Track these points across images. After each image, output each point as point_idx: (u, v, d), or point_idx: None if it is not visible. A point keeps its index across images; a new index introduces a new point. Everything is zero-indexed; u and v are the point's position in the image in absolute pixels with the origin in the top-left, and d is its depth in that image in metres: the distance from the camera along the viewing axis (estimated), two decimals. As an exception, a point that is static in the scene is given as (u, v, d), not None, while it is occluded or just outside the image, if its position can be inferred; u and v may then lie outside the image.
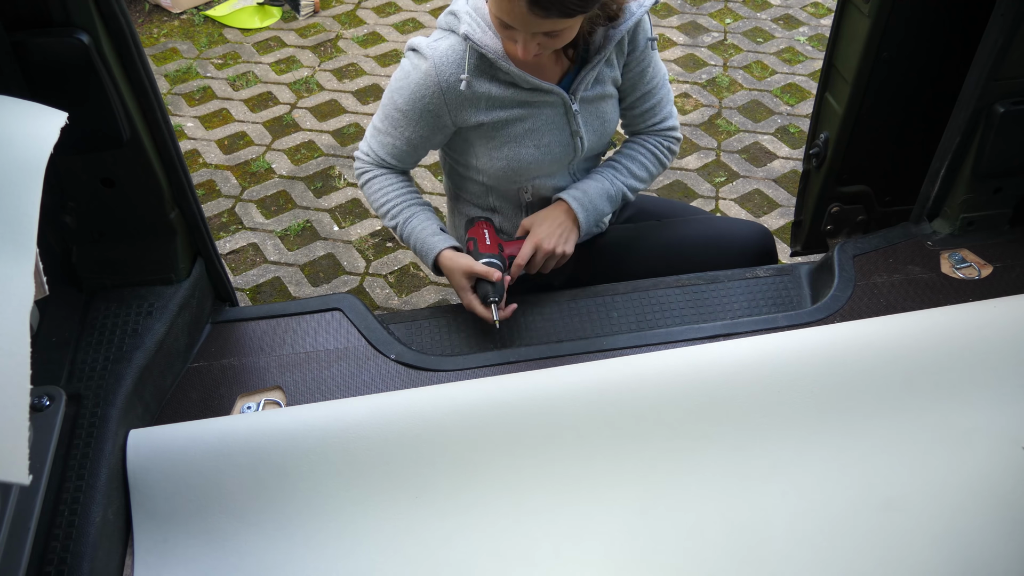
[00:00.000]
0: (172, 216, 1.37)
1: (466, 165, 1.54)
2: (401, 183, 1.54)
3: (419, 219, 1.51)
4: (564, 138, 1.49)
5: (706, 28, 3.61)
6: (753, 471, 1.25)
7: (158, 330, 1.33)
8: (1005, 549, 1.16)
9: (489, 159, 1.49)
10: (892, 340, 1.33)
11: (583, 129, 1.49)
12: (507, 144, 1.46)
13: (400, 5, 3.84)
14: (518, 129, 1.45)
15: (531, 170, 1.50)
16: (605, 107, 1.51)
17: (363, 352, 1.41)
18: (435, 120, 1.44)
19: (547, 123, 1.46)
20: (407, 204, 1.52)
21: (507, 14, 1.25)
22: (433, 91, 1.39)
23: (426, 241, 1.48)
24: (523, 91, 1.41)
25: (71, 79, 1.14)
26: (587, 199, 1.53)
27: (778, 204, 2.75)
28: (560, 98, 1.44)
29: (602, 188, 1.54)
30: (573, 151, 1.51)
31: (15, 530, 0.93)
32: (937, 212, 1.61)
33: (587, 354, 1.40)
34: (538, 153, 1.47)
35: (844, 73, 1.68)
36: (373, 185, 1.54)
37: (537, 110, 1.44)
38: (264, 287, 2.52)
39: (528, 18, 1.23)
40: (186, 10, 3.79)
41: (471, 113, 1.42)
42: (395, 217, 1.52)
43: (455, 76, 1.37)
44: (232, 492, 1.19)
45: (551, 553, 1.18)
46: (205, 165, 2.97)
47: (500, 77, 1.40)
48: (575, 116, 1.46)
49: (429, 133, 1.46)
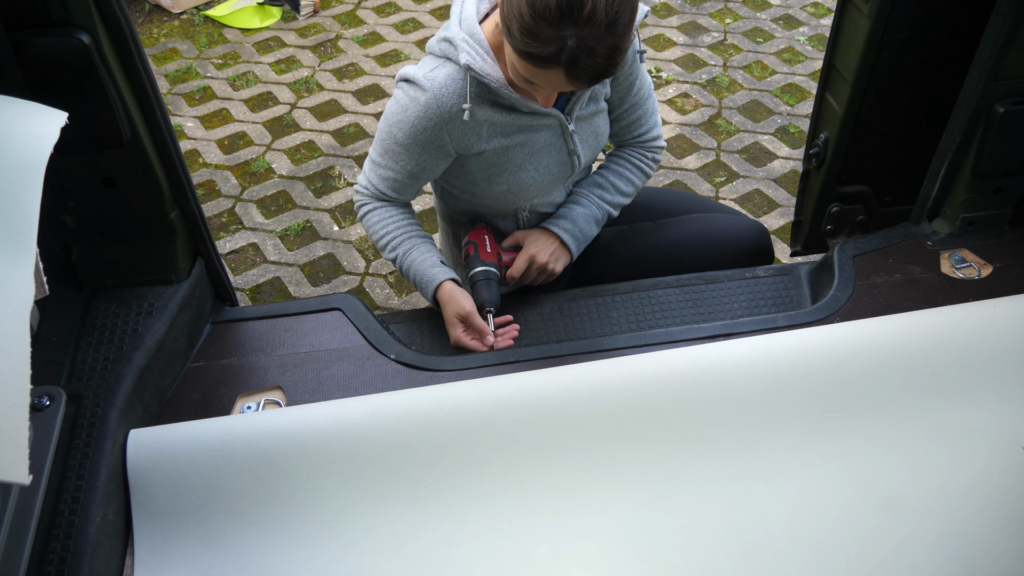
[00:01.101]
0: (172, 216, 1.36)
1: (462, 190, 1.54)
2: (401, 215, 1.53)
3: (419, 251, 1.50)
4: (562, 158, 1.49)
5: (706, 28, 3.61)
6: (753, 471, 1.25)
7: (158, 330, 1.33)
8: (1005, 549, 1.16)
9: (489, 184, 1.48)
10: (892, 340, 1.33)
11: (579, 147, 1.49)
12: (507, 171, 1.46)
13: (400, 5, 3.84)
14: (518, 155, 1.45)
15: (530, 191, 1.50)
16: (598, 122, 1.51)
17: (363, 352, 1.41)
18: (437, 151, 1.42)
19: (545, 145, 1.46)
20: (407, 236, 1.51)
21: (540, 79, 1.24)
22: (435, 123, 1.37)
23: (426, 273, 1.48)
24: (523, 115, 1.40)
25: (71, 79, 1.14)
26: (576, 228, 1.55)
27: (778, 204, 2.75)
28: (557, 119, 1.43)
29: (589, 214, 1.57)
30: (571, 169, 1.52)
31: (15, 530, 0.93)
32: (937, 212, 1.61)
33: (587, 354, 1.39)
34: (537, 176, 1.47)
35: (844, 73, 1.68)
36: (372, 217, 1.53)
37: (535, 134, 1.44)
38: (264, 287, 2.52)
39: (562, 84, 1.24)
40: (186, 10, 3.79)
41: (473, 141, 1.41)
42: (395, 249, 1.51)
43: (456, 106, 1.36)
44: (232, 492, 1.19)
45: (551, 553, 1.18)
46: (205, 165, 2.97)
47: (501, 103, 1.38)
48: (572, 136, 1.46)
49: (431, 164, 1.45)
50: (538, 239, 1.54)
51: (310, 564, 1.16)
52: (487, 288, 1.48)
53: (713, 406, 1.27)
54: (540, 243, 1.54)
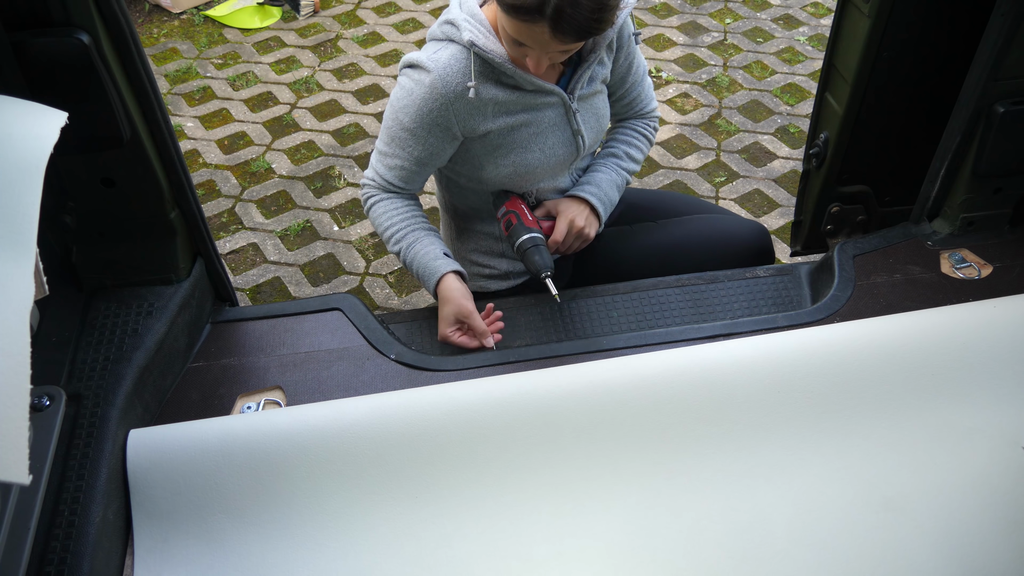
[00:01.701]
0: (172, 216, 1.37)
1: (468, 177, 1.54)
2: (407, 207, 1.52)
3: (423, 243, 1.48)
4: (566, 137, 1.49)
5: (706, 28, 3.61)
6: (753, 471, 1.25)
7: (158, 330, 1.33)
8: (1005, 549, 1.16)
9: (495, 167, 1.48)
10: (892, 340, 1.33)
11: (583, 127, 1.50)
12: (513, 151, 1.46)
13: (400, 5, 3.84)
14: (523, 134, 1.45)
15: (536, 174, 1.50)
16: (599, 103, 1.53)
17: (363, 352, 1.41)
18: (444, 133, 1.42)
19: (550, 125, 1.46)
20: (412, 228, 1.50)
21: (526, 36, 1.26)
22: (441, 103, 1.38)
23: (428, 265, 1.46)
24: (527, 93, 1.41)
25: (71, 79, 1.14)
26: (602, 193, 1.58)
27: (778, 204, 2.75)
28: (560, 98, 1.44)
29: (611, 179, 1.60)
30: (576, 150, 1.52)
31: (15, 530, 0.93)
32: (937, 212, 1.61)
33: (587, 354, 1.40)
34: (543, 156, 1.48)
35: (844, 73, 1.68)
36: (378, 209, 1.52)
37: (539, 113, 1.45)
38: (264, 287, 2.52)
39: (548, 41, 1.25)
40: (186, 10, 3.79)
41: (479, 121, 1.41)
42: (399, 242, 1.50)
43: (461, 85, 1.36)
44: (232, 492, 1.19)
45: (550, 553, 1.18)
46: (205, 165, 2.97)
47: (504, 81, 1.39)
48: (575, 115, 1.47)
49: (438, 148, 1.45)
50: (571, 205, 1.56)
51: (310, 564, 1.16)
52: (539, 254, 1.48)
53: (713, 406, 1.27)
54: (574, 208, 1.55)
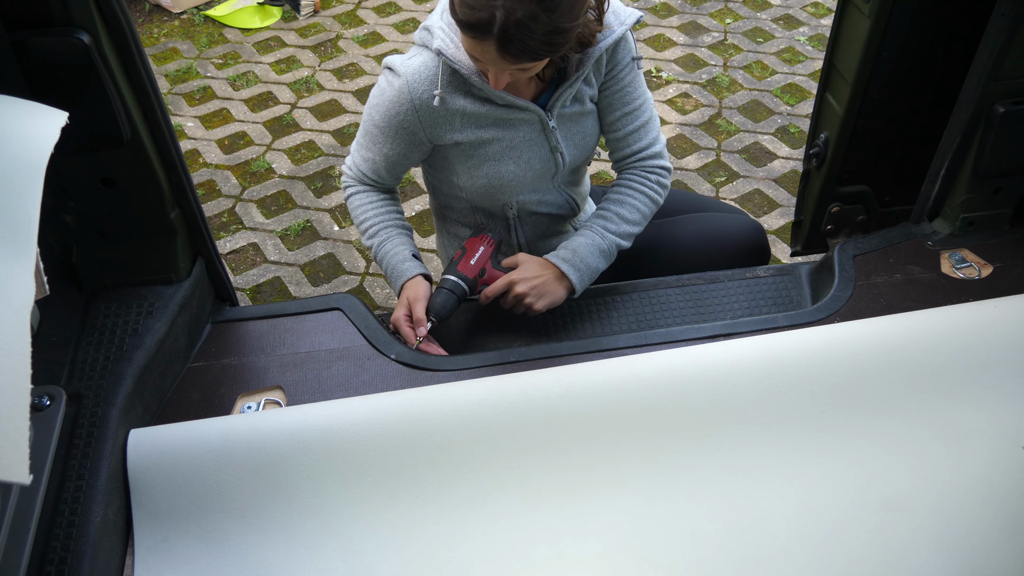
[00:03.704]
0: (172, 216, 1.37)
1: (448, 183, 1.54)
2: (382, 202, 1.54)
3: (394, 243, 1.50)
4: (544, 154, 1.47)
5: (706, 28, 3.61)
6: (753, 471, 1.25)
7: (158, 330, 1.33)
8: (1005, 549, 1.16)
9: (469, 177, 1.48)
10: (892, 340, 1.33)
11: (563, 145, 1.47)
12: (486, 162, 1.45)
13: (400, 5, 3.84)
14: (496, 148, 1.44)
15: (513, 187, 1.49)
16: (585, 123, 1.48)
17: (363, 352, 1.41)
18: (410, 137, 1.43)
19: (525, 140, 1.44)
20: (384, 225, 1.52)
21: (479, 53, 1.24)
22: (407, 108, 1.38)
23: (396, 267, 1.48)
24: (498, 107, 1.39)
25: (71, 79, 1.14)
26: (577, 259, 1.45)
27: (778, 204, 2.75)
28: (536, 115, 1.41)
29: (591, 244, 1.47)
30: (555, 166, 1.50)
31: (15, 530, 0.93)
32: (937, 212, 1.61)
33: (587, 354, 1.39)
34: (518, 169, 1.46)
35: (844, 73, 1.68)
36: (355, 201, 1.55)
37: (513, 129, 1.42)
38: (264, 287, 2.52)
39: (498, 60, 1.23)
40: (186, 10, 3.79)
41: (446, 131, 1.41)
42: (372, 238, 1.53)
43: (428, 92, 1.36)
44: (232, 492, 1.19)
45: (551, 553, 1.18)
46: (205, 165, 2.97)
47: (474, 93, 1.38)
48: (553, 132, 1.44)
49: (406, 150, 1.46)
50: (530, 267, 1.45)
51: (310, 564, 1.16)
52: (442, 298, 1.43)
53: (713, 406, 1.27)
54: (528, 271, 1.44)
